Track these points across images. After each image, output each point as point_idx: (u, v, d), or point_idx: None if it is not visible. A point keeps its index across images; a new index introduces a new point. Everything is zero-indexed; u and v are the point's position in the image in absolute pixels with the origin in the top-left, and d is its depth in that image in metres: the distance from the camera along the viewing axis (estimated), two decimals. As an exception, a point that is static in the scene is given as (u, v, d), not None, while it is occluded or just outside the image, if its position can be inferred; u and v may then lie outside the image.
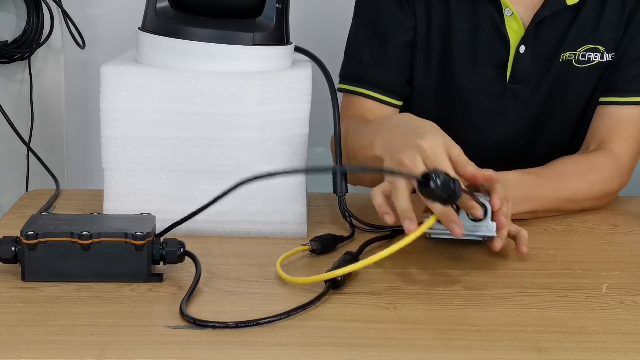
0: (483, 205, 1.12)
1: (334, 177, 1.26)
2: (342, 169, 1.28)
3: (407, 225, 1.06)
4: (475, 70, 1.52)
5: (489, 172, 1.13)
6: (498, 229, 1.13)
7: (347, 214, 1.27)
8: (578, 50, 1.50)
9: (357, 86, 1.53)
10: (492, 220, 1.12)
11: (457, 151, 1.12)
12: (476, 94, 1.53)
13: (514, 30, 1.49)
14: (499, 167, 1.38)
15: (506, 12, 1.49)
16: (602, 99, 1.52)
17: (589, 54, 1.50)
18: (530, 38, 1.49)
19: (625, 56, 1.50)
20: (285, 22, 1.30)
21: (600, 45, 1.50)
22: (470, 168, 1.11)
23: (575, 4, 1.48)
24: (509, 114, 1.54)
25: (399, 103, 1.54)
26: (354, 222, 1.27)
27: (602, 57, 1.50)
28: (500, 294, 1.07)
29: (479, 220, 1.12)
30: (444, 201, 1.01)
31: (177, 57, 1.24)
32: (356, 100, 1.53)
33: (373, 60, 1.52)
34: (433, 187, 0.98)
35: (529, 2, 1.49)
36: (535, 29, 1.49)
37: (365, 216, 1.28)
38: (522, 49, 1.50)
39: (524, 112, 1.54)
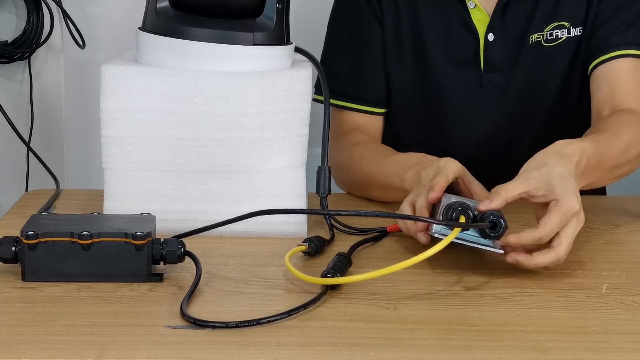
0: (498, 223, 1.10)
1: (318, 178, 1.27)
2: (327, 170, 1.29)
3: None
4: (450, 65, 1.54)
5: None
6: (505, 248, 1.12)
7: (327, 216, 1.28)
8: (545, 30, 1.51)
9: (345, 101, 1.56)
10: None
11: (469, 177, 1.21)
12: (455, 89, 1.54)
13: (480, 20, 1.51)
14: (484, 163, 1.38)
15: (470, 5, 1.51)
16: (591, 66, 1.49)
17: (556, 32, 1.51)
18: (497, 25, 1.51)
19: (599, 18, 1.49)
20: (286, 22, 1.30)
21: (565, 21, 1.51)
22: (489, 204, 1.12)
23: None
24: (490, 105, 1.54)
25: (386, 110, 1.57)
26: (334, 225, 1.28)
27: (569, 33, 1.51)
28: (500, 294, 1.07)
29: (491, 236, 1.12)
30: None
31: (177, 57, 1.24)
32: (345, 115, 1.56)
33: (353, 75, 1.55)
34: (501, 229, 1.09)
35: None
36: (500, 16, 1.50)
37: (346, 218, 1.29)
38: (490, 37, 1.51)
39: (503, 101, 1.54)
